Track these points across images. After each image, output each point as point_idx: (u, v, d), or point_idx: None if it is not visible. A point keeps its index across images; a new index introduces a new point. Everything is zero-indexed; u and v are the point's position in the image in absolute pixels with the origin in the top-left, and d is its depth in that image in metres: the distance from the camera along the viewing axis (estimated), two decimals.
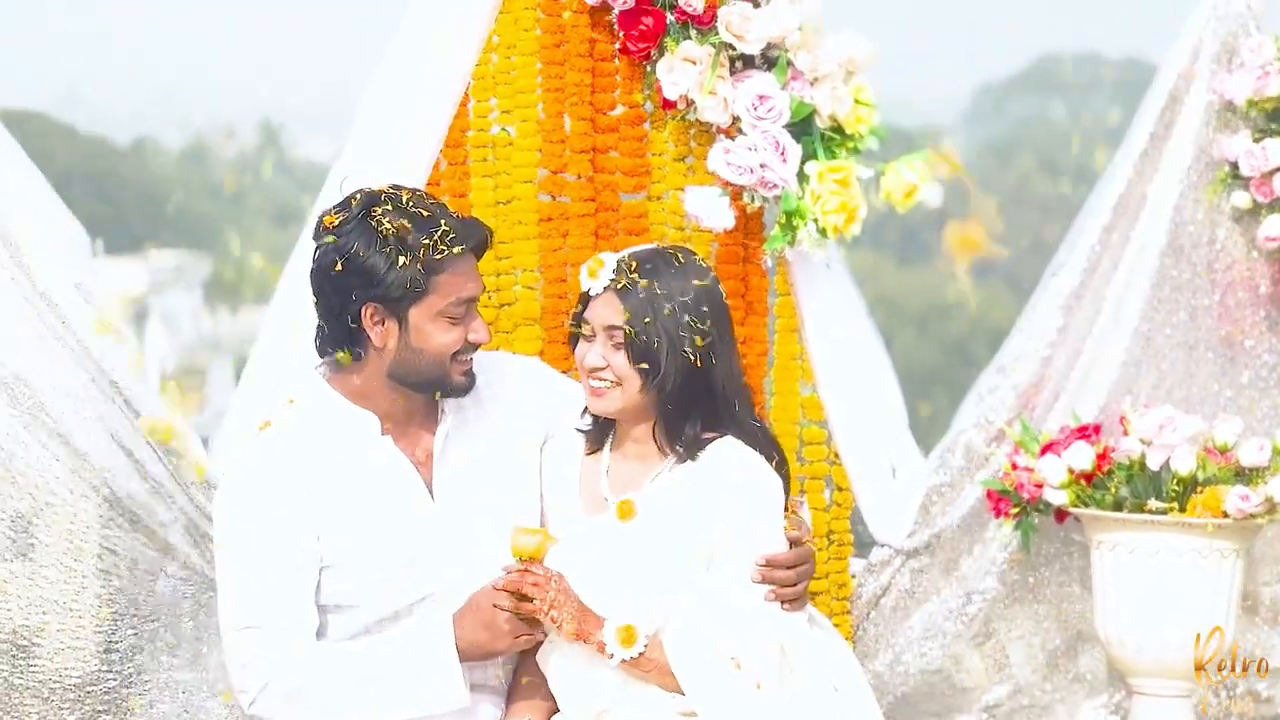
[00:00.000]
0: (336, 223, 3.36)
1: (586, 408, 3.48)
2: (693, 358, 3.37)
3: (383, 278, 3.31)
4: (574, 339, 3.46)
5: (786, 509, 3.46)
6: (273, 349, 4.15)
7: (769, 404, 4.35)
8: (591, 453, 3.52)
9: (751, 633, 3.34)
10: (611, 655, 3.32)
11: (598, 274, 3.39)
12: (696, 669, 3.32)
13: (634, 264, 3.38)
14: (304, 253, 4.03)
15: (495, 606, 3.32)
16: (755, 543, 3.39)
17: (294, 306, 4.06)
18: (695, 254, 3.48)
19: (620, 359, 3.38)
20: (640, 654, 3.32)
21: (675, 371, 3.36)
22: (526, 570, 3.32)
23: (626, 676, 3.36)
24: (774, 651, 3.36)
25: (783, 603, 3.40)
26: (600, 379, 3.40)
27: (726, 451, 3.41)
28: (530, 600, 3.31)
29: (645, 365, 3.36)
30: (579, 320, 3.44)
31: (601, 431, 3.51)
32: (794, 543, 3.44)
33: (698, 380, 3.39)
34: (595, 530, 3.43)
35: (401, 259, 3.31)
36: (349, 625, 3.41)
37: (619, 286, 3.37)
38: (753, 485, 3.40)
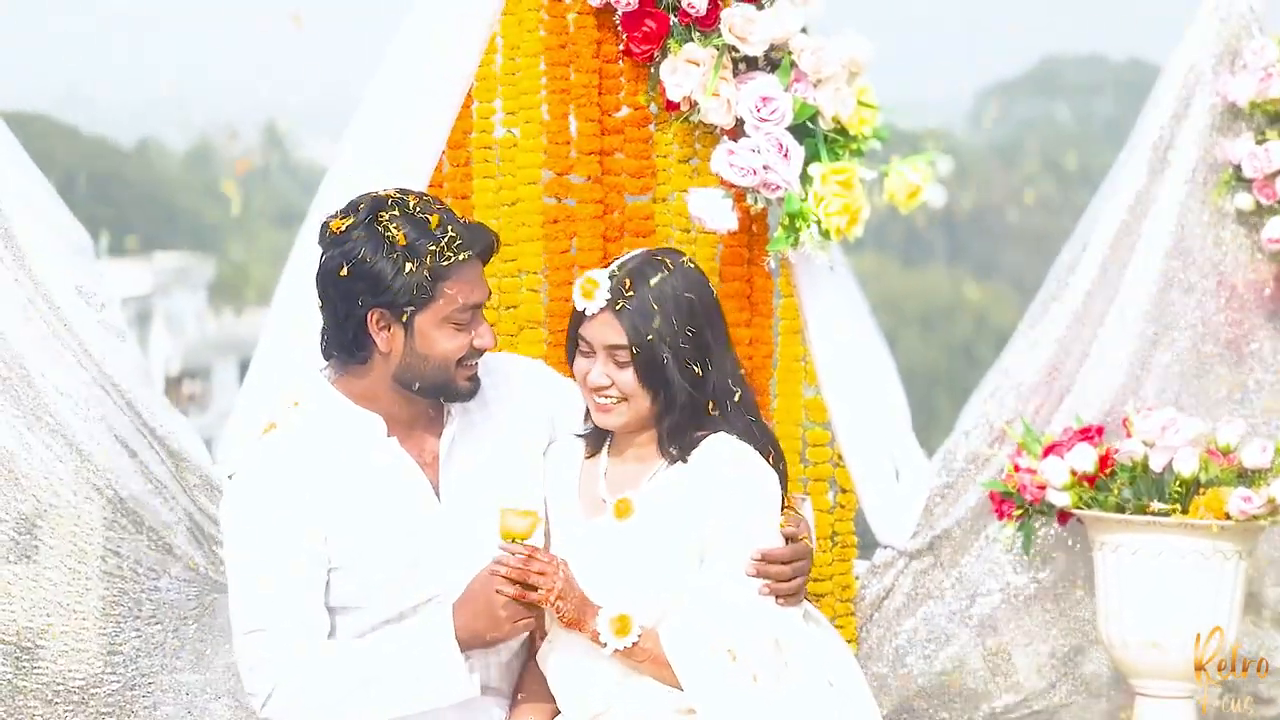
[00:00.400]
0: (343, 228, 3.35)
1: (587, 414, 3.48)
2: (696, 367, 3.37)
3: (389, 284, 3.31)
4: (571, 355, 3.46)
5: (786, 506, 3.46)
6: (274, 351, 4.15)
7: (773, 405, 4.34)
8: (590, 456, 3.52)
9: (746, 627, 3.35)
10: (605, 645, 3.32)
11: (593, 295, 3.38)
12: (692, 660, 3.32)
13: (627, 281, 3.37)
14: (303, 253, 4.03)
15: (498, 592, 3.32)
16: (749, 537, 3.40)
17: (294, 307, 4.06)
18: (682, 254, 3.49)
19: (626, 377, 3.38)
20: (634, 644, 3.32)
21: (681, 382, 3.37)
22: (531, 557, 3.31)
23: (624, 672, 3.37)
24: (770, 645, 3.36)
25: (777, 598, 3.40)
26: (606, 396, 3.40)
27: (719, 447, 3.42)
28: (535, 589, 3.31)
29: (655, 382, 3.36)
30: (576, 337, 3.43)
31: (600, 435, 3.51)
32: (790, 539, 3.44)
33: (699, 384, 3.39)
34: (593, 533, 3.43)
35: (408, 265, 3.31)
36: (354, 627, 3.41)
37: (616, 307, 3.37)
38: (746, 480, 3.40)
